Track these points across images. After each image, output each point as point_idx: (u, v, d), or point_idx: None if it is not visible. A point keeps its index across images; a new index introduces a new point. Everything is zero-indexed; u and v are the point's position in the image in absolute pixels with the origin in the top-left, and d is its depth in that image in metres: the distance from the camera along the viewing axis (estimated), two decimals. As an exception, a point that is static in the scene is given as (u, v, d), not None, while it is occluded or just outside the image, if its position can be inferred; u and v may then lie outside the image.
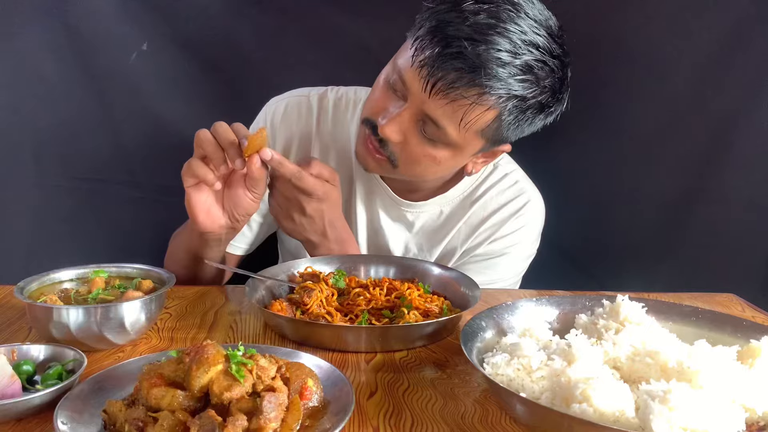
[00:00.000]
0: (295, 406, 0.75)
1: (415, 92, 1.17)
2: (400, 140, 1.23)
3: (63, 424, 0.72)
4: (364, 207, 1.47)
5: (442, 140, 1.22)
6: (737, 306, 1.28)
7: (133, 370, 0.82)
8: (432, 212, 1.46)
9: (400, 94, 1.22)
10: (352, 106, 1.47)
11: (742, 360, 0.87)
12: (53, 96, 1.81)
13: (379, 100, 1.25)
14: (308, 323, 1.04)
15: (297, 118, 1.47)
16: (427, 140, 1.23)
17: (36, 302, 0.96)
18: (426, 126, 1.21)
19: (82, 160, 1.87)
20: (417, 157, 1.25)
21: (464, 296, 1.18)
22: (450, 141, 1.22)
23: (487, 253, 1.46)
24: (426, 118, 1.20)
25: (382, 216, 1.47)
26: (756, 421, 0.78)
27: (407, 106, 1.20)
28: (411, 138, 1.23)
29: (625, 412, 0.74)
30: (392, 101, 1.23)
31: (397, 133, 1.22)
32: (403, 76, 1.19)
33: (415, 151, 1.24)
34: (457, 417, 0.82)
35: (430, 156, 1.25)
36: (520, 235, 1.45)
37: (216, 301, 1.25)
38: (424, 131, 1.22)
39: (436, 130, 1.20)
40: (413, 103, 1.19)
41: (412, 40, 1.17)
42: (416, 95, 1.18)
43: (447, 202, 1.45)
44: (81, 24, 1.76)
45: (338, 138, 1.46)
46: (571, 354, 0.82)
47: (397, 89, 1.22)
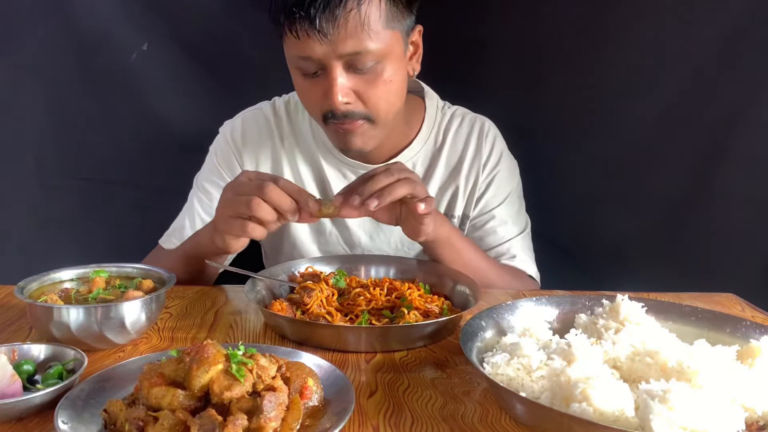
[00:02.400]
0: (296, 406, 0.75)
1: (321, 54, 1.18)
2: (355, 98, 1.24)
3: (63, 423, 0.72)
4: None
5: (374, 59, 1.22)
6: (737, 306, 1.28)
7: (134, 370, 0.82)
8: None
9: (315, 72, 1.23)
10: (300, 105, 1.50)
11: (742, 360, 0.87)
12: (53, 96, 1.81)
13: (311, 92, 1.27)
14: (308, 323, 1.05)
15: (257, 132, 1.50)
16: (367, 73, 1.23)
17: (36, 302, 0.96)
18: (355, 65, 1.21)
19: (82, 160, 1.87)
20: (377, 94, 1.25)
21: (464, 296, 1.18)
22: (378, 54, 1.21)
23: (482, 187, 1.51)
24: (348, 61, 1.20)
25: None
26: (756, 421, 0.78)
27: (329, 69, 1.21)
28: (358, 86, 1.24)
29: (625, 411, 0.74)
30: (318, 82, 1.24)
31: (347, 94, 1.23)
32: (301, 56, 1.20)
33: (371, 90, 1.25)
34: (457, 416, 0.82)
35: (384, 82, 1.25)
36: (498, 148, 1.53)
37: (216, 300, 1.25)
38: (358, 70, 1.22)
39: (362, 58, 1.20)
40: (329, 63, 1.20)
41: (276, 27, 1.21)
42: (324, 55, 1.19)
43: (415, 154, 1.49)
44: (81, 24, 1.77)
45: (299, 138, 1.50)
46: (571, 354, 0.82)
47: (309, 71, 1.23)
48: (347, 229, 1.51)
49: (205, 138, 1.57)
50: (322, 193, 1.50)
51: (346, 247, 1.53)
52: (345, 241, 1.52)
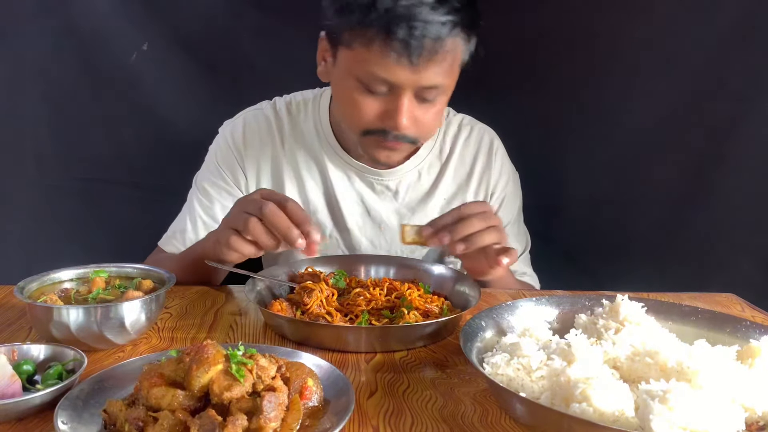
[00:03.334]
0: (295, 406, 0.75)
1: (406, 81, 1.20)
2: (414, 123, 1.27)
3: (63, 423, 0.72)
4: (347, 192, 1.49)
5: (440, 93, 1.27)
6: (737, 306, 1.28)
7: (134, 370, 0.82)
8: (411, 176, 1.50)
9: (383, 91, 1.24)
10: (303, 107, 1.51)
11: (742, 360, 0.87)
12: (53, 96, 1.81)
13: (368, 107, 1.26)
14: (308, 323, 1.04)
15: (258, 132, 1.49)
16: (429, 102, 1.27)
17: (36, 302, 0.96)
18: (425, 94, 1.24)
19: (82, 160, 1.87)
20: (430, 122, 1.31)
21: (464, 296, 1.18)
22: (447, 88, 1.28)
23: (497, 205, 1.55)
24: (423, 90, 1.23)
25: (366, 194, 1.49)
26: (756, 421, 0.78)
27: (403, 95, 1.22)
28: (418, 113, 1.27)
29: (625, 411, 0.74)
30: (381, 101, 1.25)
31: (410, 120, 1.26)
32: (386, 78, 1.20)
33: (427, 118, 1.29)
34: (456, 417, 0.82)
35: (436, 112, 1.31)
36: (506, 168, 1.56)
37: (216, 301, 1.25)
38: (425, 98, 1.25)
39: (434, 91, 1.25)
40: (407, 90, 1.22)
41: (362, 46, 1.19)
42: (407, 82, 1.20)
43: (421, 162, 1.50)
44: (81, 24, 1.77)
45: (301, 139, 1.49)
46: (571, 354, 0.82)
47: (376, 89, 1.23)
48: (348, 233, 1.50)
49: (205, 138, 1.57)
50: (325, 193, 1.49)
51: (346, 250, 1.53)
52: (346, 244, 1.52)
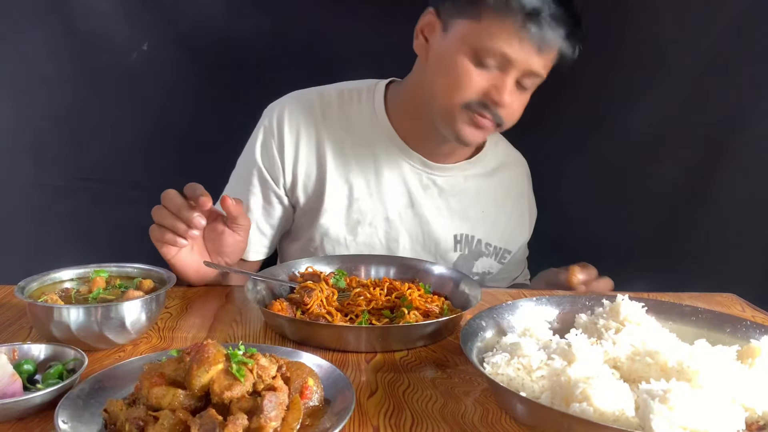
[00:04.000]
0: (296, 406, 0.75)
1: (523, 60, 1.27)
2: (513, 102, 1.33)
3: (64, 423, 0.72)
4: (395, 181, 1.50)
5: (535, 83, 1.34)
6: (737, 306, 1.28)
7: (134, 370, 0.82)
8: (458, 179, 1.53)
9: (493, 66, 1.29)
10: (356, 95, 1.52)
11: (742, 360, 0.87)
12: (53, 96, 1.81)
13: (478, 81, 1.30)
14: (308, 323, 1.04)
15: (300, 116, 1.47)
16: (524, 90, 1.34)
17: (37, 302, 0.96)
18: (525, 79, 1.31)
19: (82, 160, 1.87)
20: (518, 108, 1.37)
21: (464, 296, 1.18)
22: (539, 82, 1.34)
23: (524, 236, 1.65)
24: (527, 74, 1.30)
25: (413, 186, 1.51)
26: (756, 421, 0.78)
27: (512, 73, 1.29)
28: (514, 99, 1.33)
29: (625, 411, 0.74)
30: (489, 76, 1.30)
31: (511, 98, 1.31)
32: (506, 53, 1.26)
33: (517, 105, 1.35)
34: (457, 416, 0.82)
35: (524, 103, 1.37)
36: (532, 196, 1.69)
37: (216, 300, 1.25)
38: (523, 84, 1.32)
39: (534, 79, 1.32)
40: (516, 70, 1.28)
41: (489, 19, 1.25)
42: (522, 62, 1.27)
43: (470, 167, 1.55)
44: (81, 24, 1.76)
45: (350, 127, 1.49)
46: (571, 353, 0.82)
47: (489, 63, 1.28)
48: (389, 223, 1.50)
49: (205, 137, 1.58)
50: (371, 180, 1.48)
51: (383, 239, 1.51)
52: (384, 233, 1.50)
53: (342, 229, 1.49)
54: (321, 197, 1.47)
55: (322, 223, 1.48)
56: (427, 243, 1.52)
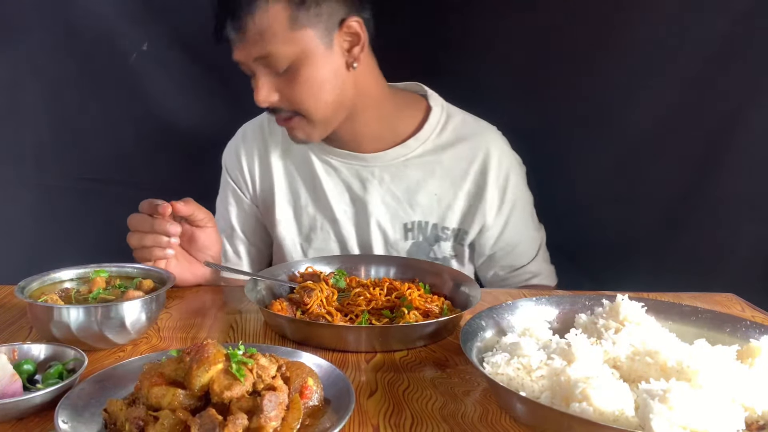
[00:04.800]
0: (296, 405, 0.75)
1: (240, 58, 1.30)
2: (278, 96, 1.32)
3: (64, 423, 0.72)
4: (333, 182, 1.51)
5: (287, 61, 1.28)
6: (737, 306, 1.28)
7: (134, 370, 0.82)
8: (399, 164, 1.49)
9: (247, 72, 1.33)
10: None
11: (742, 359, 0.87)
12: (53, 96, 1.81)
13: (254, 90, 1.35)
14: (308, 323, 1.05)
15: (252, 142, 1.57)
16: (285, 74, 1.30)
17: (37, 302, 0.96)
18: (270, 67, 1.29)
19: (82, 160, 1.87)
20: (299, 92, 1.31)
21: (464, 296, 1.18)
22: (288, 56, 1.28)
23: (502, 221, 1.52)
24: (263, 63, 1.29)
25: (353, 182, 1.50)
26: (756, 421, 0.78)
27: (252, 71, 1.31)
28: (279, 87, 1.31)
29: (625, 411, 0.74)
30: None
31: (268, 95, 1.31)
32: (235, 60, 1.31)
33: (292, 91, 1.31)
34: (457, 416, 0.82)
35: (301, 82, 1.30)
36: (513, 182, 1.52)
37: (216, 300, 1.25)
38: (276, 70, 1.29)
39: (273, 61, 1.28)
40: (250, 66, 1.30)
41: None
42: (243, 59, 1.30)
43: (410, 152, 1.49)
44: (81, 24, 1.76)
45: (290, 145, 1.52)
46: (571, 353, 0.82)
47: (247, 72, 1.34)
48: (337, 223, 1.52)
49: (204, 137, 1.58)
50: (313, 187, 1.52)
51: (336, 240, 1.54)
52: (335, 234, 1.53)
53: (297, 237, 1.55)
54: (273, 209, 1.54)
55: (278, 232, 1.55)
56: (375, 236, 1.51)
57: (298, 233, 1.55)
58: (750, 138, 1.59)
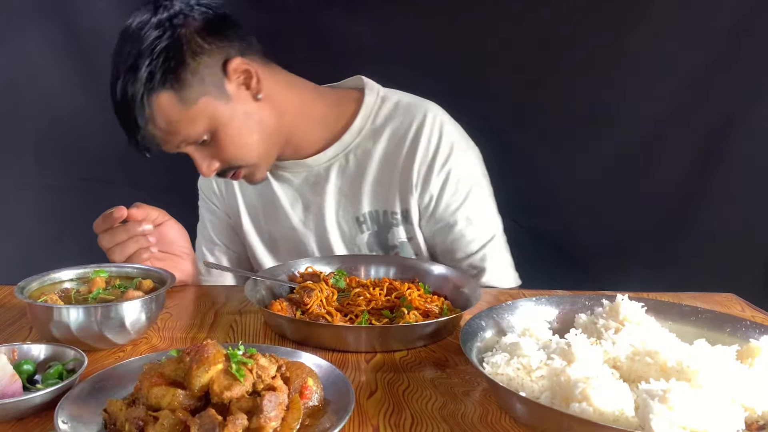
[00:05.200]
0: (296, 405, 0.75)
1: (170, 149, 1.34)
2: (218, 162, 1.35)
3: (64, 423, 0.72)
4: (287, 193, 1.53)
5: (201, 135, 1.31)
6: (737, 306, 1.28)
7: (134, 370, 0.82)
8: (340, 160, 1.48)
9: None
10: None
11: (742, 359, 0.87)
12: (53, 96, 1.81)
13: None
14: (308, 323, 1.05)
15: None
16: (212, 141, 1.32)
17: (36, 302, 0.96)
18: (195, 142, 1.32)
19: (82, 160, 1.87)
20: (229, 154, 1.34)
21: (464, 296, 1.18)
22: (198, 132, 1.30)
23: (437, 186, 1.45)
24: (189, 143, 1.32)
25: (305, 189, 1.52)
26: (755, 421, 0.78)
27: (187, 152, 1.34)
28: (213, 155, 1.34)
29: (625, 411, 0.74)
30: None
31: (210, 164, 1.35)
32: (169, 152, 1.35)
33: (222, 155, 1.34)
34: (456, 416, 0.82)
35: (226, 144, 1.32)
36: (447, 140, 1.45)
37: (216, 301, 1.25)
38: (204, 143, 1.32)
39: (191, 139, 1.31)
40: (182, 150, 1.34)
41: None
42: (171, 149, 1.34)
43: (346, 146, 1.47)
44: (81, 24, 1.77)
45: None
46: (571, 353, 0.82)
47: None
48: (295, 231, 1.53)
49: (204, 138, 1.57)
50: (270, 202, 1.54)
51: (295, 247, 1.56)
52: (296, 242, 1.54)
53: (262, 248, 1.59)
54: (240, 224, 1.58)
55: (248, 244, 1.59)
56: (334, 236, 1.51)
57: (265, 244, 1.59)
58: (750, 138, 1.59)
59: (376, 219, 1.49)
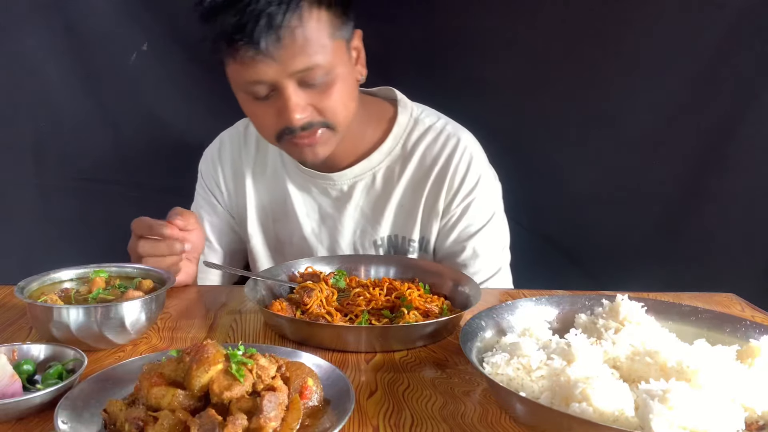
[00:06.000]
0: (295, 406, 0.75)
1: (272, 75, 1.20)
2: (311, 110, 1.26)
3: (63, 423, 0.72)
4: (305, 202, 1.50)
5: (325, 72, 1.23)
6: (737, 306, 1.28)
7: (134, 370, 0.82)
8: (366, 179, 1.46)
9: (265, 92, 1.24)
10: None
11: (742, 359, 0.87)
12: (53, 96, 1.81)
13: (264, 114, 1.28)
14: (308, 323, 1.04)
15: (230, 150, 1.55)
16: (321, 85, 1.24)
17: (36, 302, 0.96)
18: (307, 80, 1.22)
19: (82, 160, 1.87)
20: (333, 102, 1.27)
21: (464, 296, 1.18)
22: (327, 66, 1.23)
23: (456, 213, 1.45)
24: (300, 77, 1.21)
25: (323, 201, 1.49)
26: (755, 421, 0.78)
27: (282, 89, 1.22)
28: (314, 99, 1.25)
29: (625, 411, 0.74)
30: (270, 104, 1.25)
31: (303, 110, 1.24)
32: (254, 79, 1.21)
33: (327, 102, 1.26)
34: (456, 416, 0.82)
35: (338, 93, 1.26)
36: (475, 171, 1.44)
37: (216, 301, 1.25)
38: (311, 84, 1.23)
39: (313, 72, 1.21)
40: (281, 82, 1.21)
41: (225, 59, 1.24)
42: (276, 75, 1.19)
43: (376, 165, 1.45)
44: (81, 24, 1.77)
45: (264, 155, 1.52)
46: (571, 353, 0.82)
47: (260, 94, 1.24)
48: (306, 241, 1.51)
49: (204, 137, 1.58)
50: (284, 206, 1.51)
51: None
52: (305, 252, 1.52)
53: (265, 250, 1.56)
54: (245, 222, 1.54)
55: (251, 245, 1.56)
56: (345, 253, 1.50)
57: (269, 247, 1.56)
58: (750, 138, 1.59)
59: (394, 243, 1.49)
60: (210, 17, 1.19)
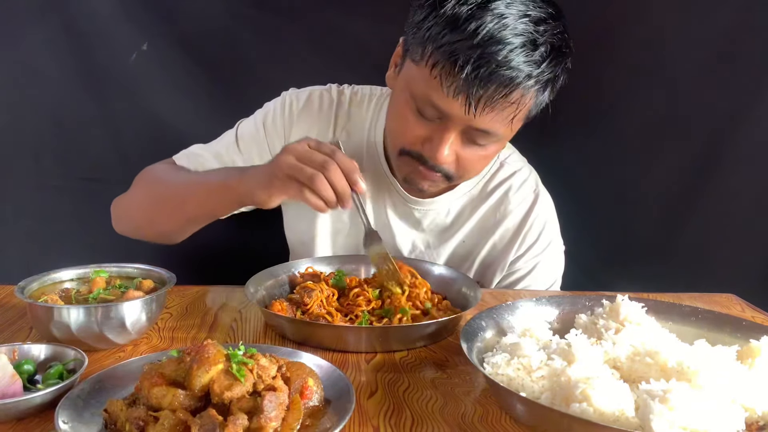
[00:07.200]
0: (296, 406, 0.75)
1: (457, 115, 1.14)
2: (454, 159, 1.23)
3: (64, 423, 0.72)
4: (372, 203, 1.46)
5: (493, 140, 1.21)
6: (737, 306, 1.28)
7: (134, 370, 0.82)
8: (439, 210, 1.45)
9: (433, 117, 1.18)
10: (367, 100, 1.47)
11: (742, 360, 0.87)
12: (53, 96, 1.81)
13: (415, 130, 1.22)
14: (308, 323, 1.05)
15: (318, 110, 1.46)
16: (478, 146, 1.22)
17: (37, 302, 0.96)
18: (475, 136, 1.19)
19: (82, 160, 1.87)
20: (472, 164, 1.26)
21: (464, 296, 1.18)
22: (500, 138, 1.22)
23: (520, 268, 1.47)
24: (473, 131, 1.17)
25: (389, 213, 1.46)
26: (756, 421, 0.78)
27: (451, 128, 1.17)
28: (463, 152, 1.22)
29: (625, 411, 0.74)
30: (428, 127, 1.20)
31: (451, 155, 1.21)
32: (438, 105, 1.14)
33: (470, 159, 1.24)
34: (457, 416, 0.82)
35: (483, 156, 1.26)
36: (547, 236, 1.47)
37: (216, 300, 1.25)
38: (474, 140, 1.20)
39: (485, 136, 1.19)
40: (457, 124, 1.16)
41: (426, 65, 1.12)
42: (459, 117, 1.14)
43: (454, 199, 1.45)
44: (81, 24, 1.76)
45: (353, 131, 1.46)
46: (571, 354, 0.82)
47: (426, 114, 1.18)
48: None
49: (204, 137, 1.57)
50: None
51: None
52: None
53: (326, 234, 1.48)
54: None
55: (317, 223, 1.47)
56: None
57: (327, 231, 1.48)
58: (750, 138, 1.59)
59: None
60: (459, 26, 1.08)
